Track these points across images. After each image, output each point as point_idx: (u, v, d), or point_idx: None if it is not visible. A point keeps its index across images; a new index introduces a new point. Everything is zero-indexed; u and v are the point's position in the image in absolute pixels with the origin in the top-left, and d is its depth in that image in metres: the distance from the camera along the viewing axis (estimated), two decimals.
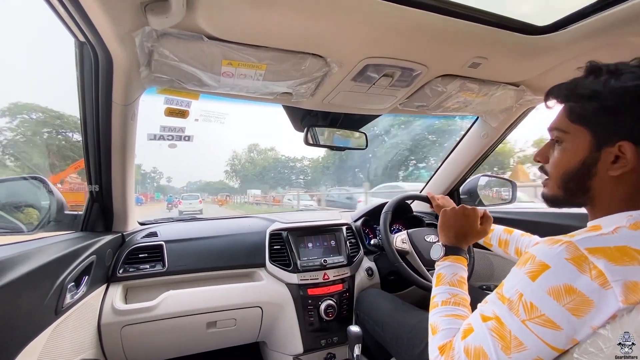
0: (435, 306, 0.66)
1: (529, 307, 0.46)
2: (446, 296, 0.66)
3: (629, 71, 0.49)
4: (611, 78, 0.50)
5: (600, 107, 0.50)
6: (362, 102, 1.13)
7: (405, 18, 0.69)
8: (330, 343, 1.29)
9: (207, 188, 44.68)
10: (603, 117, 0.50)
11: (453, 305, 0.64)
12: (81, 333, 0.89)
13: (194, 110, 1.01)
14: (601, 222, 0.51)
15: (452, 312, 0.63)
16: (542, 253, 0.48)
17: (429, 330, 0.63)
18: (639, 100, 0.47)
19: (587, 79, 0.52)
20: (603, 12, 0.72)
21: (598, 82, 0.50)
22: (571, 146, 0.54)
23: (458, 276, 0.70)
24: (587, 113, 0.52)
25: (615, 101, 0.49)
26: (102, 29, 0.68)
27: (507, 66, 0.94)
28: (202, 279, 1.20)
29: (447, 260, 0.73)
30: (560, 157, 0.56)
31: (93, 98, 0.87)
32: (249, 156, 43.57)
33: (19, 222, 0.94)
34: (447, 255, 0.75)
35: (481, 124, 1.45)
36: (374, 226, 1.56)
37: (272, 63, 0.82)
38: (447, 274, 0.70)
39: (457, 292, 0.67)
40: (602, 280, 0.42)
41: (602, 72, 0.51)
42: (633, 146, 0.48)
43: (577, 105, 0.53)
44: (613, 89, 0.49)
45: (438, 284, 0.70)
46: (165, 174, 50.46)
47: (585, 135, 0.52)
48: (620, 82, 0.49)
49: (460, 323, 0.59)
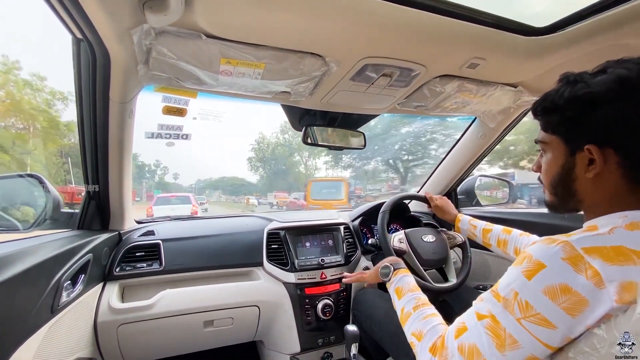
0: (409, 315, 0.69)
1: (524, 306, 0.46)
2: (414, 302, 0.71)
3: (582, 80, 0.52)
4: (567, 88, 0.53)
5: (561, 117, 0.55)
6: (361, 102, 1.13)
7: (404, 18, 0.69)
8: (327, 342, 1.29)
9: (220, 185, 37.24)
10: (566, 126, 0.55)
11: (423, 306, 0.69)
12: (77, 332, 0.89)
13: (192, 108, 1.01)
14: (597, 222, 0.52)
15: (426, 313, 0.66)
16: (538, 252, 0.48)
17: (413, 340, 0.63)
18: (590, 106, 0.50)
19: (554, 92, 0.56)
20: (601, 14, 0.72)
21: (557, 94, 0.55)
22: (551, 155, 0.58)
23: (412, 284, 0.78)
24: (554, 124, 0.57)
25: (572, 110, 0.53)
26: (100, 26, 0.68)
27: (505, 67, 0.94)
28: (199, 278, 1.20)
29: (398, 275, 0.83)
30: (545, 165, 0.60)
31: (90, 96, 0.86)
32: (283, 138, 28.42)
33: (15, 220, 0.93)
34: (395, 270, 0.85)
35: (479, 124, 1.46)
36: (371, 226, 1.56)
37: (270, 62, 0.81)
38: (403, 285, 0.78)
39: (419, 295, 0.73)
40: (597, 279, 0.43)
41: (563, 84, 0.55)
42: (598, 149, 0.51)
43: (546, 118, 0.58)
44: (567, 99, 0.53)
45: (400, 296, 0.76)
46: (171, 169, 42.61)
47: (560, 143, 0.56)
48: (573, 91, 0.52)
49: (437, 320, 0.63)
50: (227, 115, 3.46)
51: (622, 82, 0.48)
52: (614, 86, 0.49)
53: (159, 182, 39.01)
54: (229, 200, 30.54)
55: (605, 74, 0.51)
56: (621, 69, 0.49)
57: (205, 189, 39.25)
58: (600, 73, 0.52)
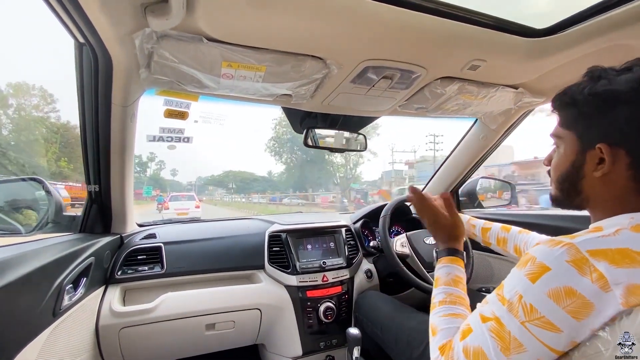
0: (434, 307, 0.67)
1: (529, 309, 0.46)
2: (442, 296, 0.67)
3: (606, 77, 0.51)
4: (588, 84, 0.53)
5: (578, 113, 0.54)
6: (362, 104, 1.13)
7: (404, 20, 0.70)
8: (329, 345, 1.28)
9: (226, 181, 30.86)
10: (582, 123, 0.54)
11: (449, 304, 0.65)
12: (79, 335, 0.89)
13: (194, 111, 1.01)
14: (603, 223, 0.51)
15: (449, 312, 0.64)
16: (542, 255, 0.47)
17: (430, 332, 0.63)
18: (609, 104, 0.50)
19: (576, 86, 0.55)
20: (602, 15, 0.72)
21: (578, 89, 0.54)
22: (564, 150, 0.57)
23: (452, 275, 0.71)
24: (571, 119, 0.56)
25: (590, 107, 0.52)
26: (102, 31, 0.68)
27: (506, 69, 0.94)
28: (200, 281, 1.19)
29: (441, 262, 0.75)
30: (556, 160, 0.59)
31: (92, 99, 0.86)
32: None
33: (17, 223, 0.94)
34: (440, 258, 0.77)
35: (480, 126, 1.46)
36: (373, 228, 1.56)
37: (271, 65, 0.82)
38: (442, 275, 0.72)
39: (453, 291, 0.68)
40: (602, 282, 0.42)
41: (586, 79, 0.54)
42: (609, 148, 0.50)
43: (563, 112, 0.57)
44: (587, 95, 0.52)
45: (436, 286, 0.71)
46: (167, 164, 37.69)
47: (573, 140, 0.55)
48: (594, 88, 0.51)
49: (459, 321, 0.60)
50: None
51: None
52: (636, 86, 0.48)
53: (152, 177, 33.57)
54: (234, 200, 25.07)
55: (630, 73, 0.50)
56: None
57: (208, 185, 34.60)
58: (626, 71, 0.50)
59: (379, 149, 47.06)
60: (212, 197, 29.69)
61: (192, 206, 11.94)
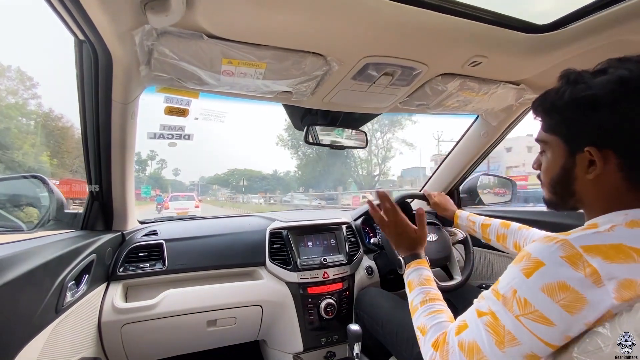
0: (416, 309, 0.68)
1: (523, 303, 0.46)
2: (422, 297, 0.69)
3: (583, 81, 0.51)
4: (567, 89, 0.53)
5: (561, 119, 0.54)
6: (362, 101, 1.13)
7: (405, 16, 0.69)
8: (330, 341, 1.29)
9: (232, 180, 28.10)
10: (566, 128, 0.54)
11: (430, 302, 0.67)
12: (81, 331, 0.90)
13: (194, 108, 1.01)
14: (598, 220, 0.52)
15: (432, 309, 0.65)
16: (537, 250, 0.48)
17: (418, 334, 0.64)
18: (591, 108, 0.50)
19: (554, 92, 0.55)
20: (604, 11, 0.72)
21: (558, 94, 0.54)
22: (551, 154, 0.58)
23: (424, 276, 0.74)
24: (554, 124, 0.56)
25: (572, 112, 0.52)
26: (102, 28, 0.68)
27: (507, 65, 0.94)
28: (202, 278, 1.20)
29: (410, 267, 0.78)
30: (545, 165, 0.60)
31: (92, 97, 0.86)
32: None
33: (19, 220, 0.94)
34: (408, 264, 0.79)
35: (481, 122, 1.45)
36: (373, 225, 1.56)
37: (272, 62, 0.81)
38: (415, 278, 0.75)
39: (429, 290, 0.71)
40: (595, 277, 0.43)
41: (563, 83, 0.54)
42: (598, 151, 0.50)
43: (546, 117, 0.57)
44: (567, 100, 0.52)
45: (411, 289, 0.74)
46: (169, 163, 35.42)
47: (560, 144, 0.56)
48: (574, 93, 0.52)
49: (443, 317, 0.62)
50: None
51: (623, 83, 0.48)
52: (615, 87, 0.48)
53: (152, 176, 31.64)
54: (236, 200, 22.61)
55: (606, 75, 0.50)
56: (622, 70, 0.49)
57: (212, 185, 32.98)
58: (600, 73, 0.51)
59: (417, 139, 42.98)
60: (216, 197, 27.73)
61: (192, 206, 12.79)
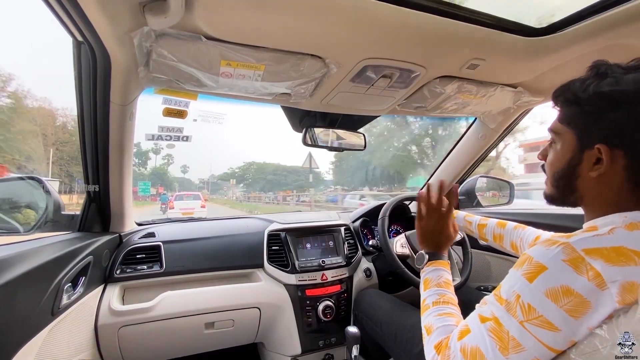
0: (427, 308, 0.68)
1: (527, 309, 0.46)
2: (435, 297, 0.69)
3: (612, 75, 0.50)
4: (593, 82, 0.51)
5: (580, 111, 0.53)
6: (361, 103, 1.13)
7: (403, 19, 0.69)
8: (328, 344, 1.29)
9: (249, 177, 24.44)
10: (583, 121, 0.53)
11: (443, 304, 0.67)
12: (78, 334, 0.89)
13: (192, 110, 1.01)
14: (597, 222, 0.52)
15: (443, 311, 0.65)
16: (539, 254, 0.48)
17: (423, 332, 0.64)
18: (613, 105, 0.49)
19: (580, 82, 0.54)
20: (601, 14, 0.72)
21: (582, 86, 0.52)
22: (560, 147, 0.57)
23: (443, 278, 0.73)
24: (571, 116, 0.54)
25: (593, 106, 0.51)
26: (101, 29, 0.68)
27: (505, 68, 0.94)
28: (200, 280, 1.19)
29: (431, 266, 0.77)
30: (552, 157, 0.58)
31: (91, 98, 0.86)
32: None
33: (16, 222, 0.93)
34: (430, 261, 0.79)
35: (479, 125, 1.46)
36: (372, 227, 1.56)
37: (270, 64, 0.81)
38: (433, 278, 0.74)
39: (445, 292, 0.70)
40: (599, 281, 0.43)
41: (590, 75, 0.52)
42: (609, 149, 0.49)
43: (564, 108, 0.56)
44: (591, 94, 0.51)
45: (426, 288, 0.73)
46: (176, 159, 32.21)
47: (572, 137, 0.54)
48: (598, 87, 0.50)
49: (452, 320, 0.61)
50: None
51: None
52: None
53: (155, 171, 28.70)
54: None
55: (638, 72, 0.48)
56: None
57: (226, 181, 28.68)
58: (633, 70, 0.49)
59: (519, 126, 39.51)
60: (232, 195, 23.71)
61: (198, 205, 12.25)
